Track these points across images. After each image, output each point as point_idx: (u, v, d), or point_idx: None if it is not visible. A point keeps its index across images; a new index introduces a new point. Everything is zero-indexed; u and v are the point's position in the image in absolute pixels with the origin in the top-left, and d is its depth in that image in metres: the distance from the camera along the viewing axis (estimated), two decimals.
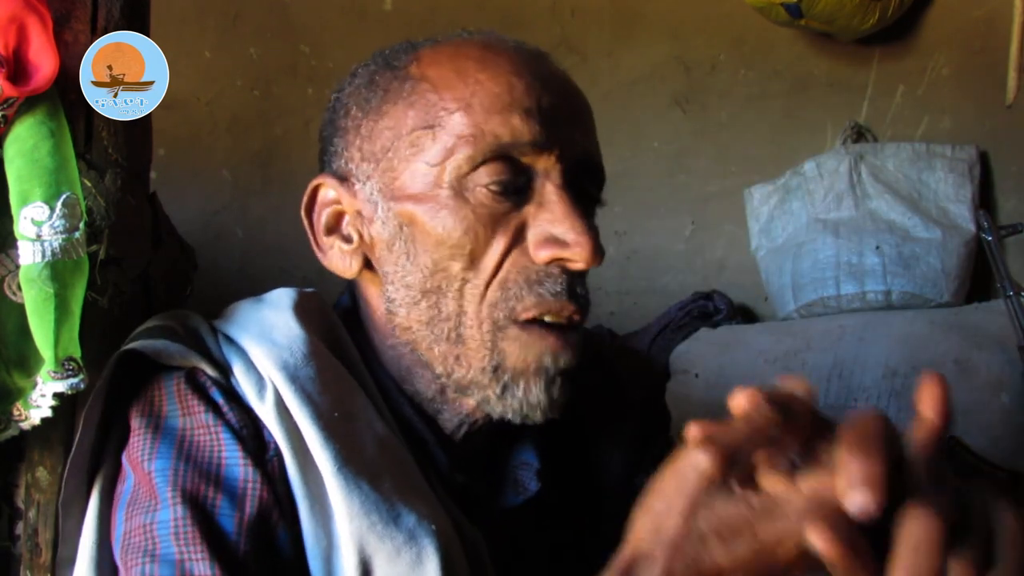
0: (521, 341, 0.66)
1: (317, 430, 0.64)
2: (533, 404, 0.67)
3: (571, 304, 0.66)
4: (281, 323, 0.69)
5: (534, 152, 0.66)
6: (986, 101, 1.93)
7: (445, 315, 0.67)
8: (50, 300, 0.69)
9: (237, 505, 0.62)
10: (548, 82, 0.69)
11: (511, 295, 0.66)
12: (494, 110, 0.66)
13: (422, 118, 0.68)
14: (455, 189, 0.66)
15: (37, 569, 0.77)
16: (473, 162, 0.65)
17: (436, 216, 0.66)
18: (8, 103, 0.70)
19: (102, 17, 0.77)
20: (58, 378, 0.70)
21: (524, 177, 0.67)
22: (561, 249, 0.65)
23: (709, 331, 1.95)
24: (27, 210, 0.70)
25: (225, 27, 2.32)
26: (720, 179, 2.17)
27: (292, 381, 0.65)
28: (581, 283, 0.67)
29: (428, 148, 0.67)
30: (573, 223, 0.65)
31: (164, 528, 0.61)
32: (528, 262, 0.66)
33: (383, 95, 0.70)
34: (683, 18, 2.19)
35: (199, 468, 0.63)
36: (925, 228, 1.78)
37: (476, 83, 0.67)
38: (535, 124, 0.66)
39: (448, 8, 2.25)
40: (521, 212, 0.67)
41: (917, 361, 1.52)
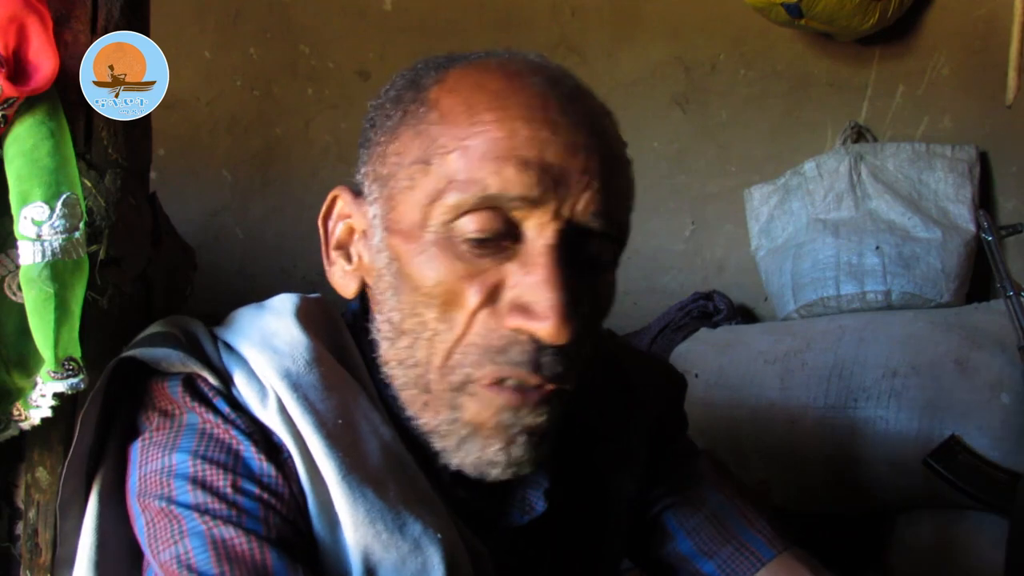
0: (479, 397, 0.62)
1: (320, 438, 0.63)
2: (488, 461, 0.63)
3: (534, 376, 0.61)
4: (283, 330, 0.69)
5: (525, 207, 0.61)
6: (986, 101, 1.93)
7: (414, 361, 0.65)
8: (50, 300, 0.69)
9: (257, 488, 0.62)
10: (564, 131, 0.62)
11: (470, 360, 0.62)
12: (489, 156, 0.61)
13: (423, 152, 0.64)
14: (439, 234, 0.62)
15: (37, 569, 0.77)
16: (459, 210, 0.61)
17: (416, 259, 0.63)
18: (8, 103, 0.70)
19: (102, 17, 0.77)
20: (58, 378, 0.70)
21: (513, 232, 0.62)
22: (528, 320, 0.60)
23: (709, 331, 1.95)
24: (27, 210, 0.70)
25: (225, 27, 2.32)
26: (720, 179, 2.17)
27: (294, 389, 0.65)
28: (555, 353, 0.61)
29: (421, 186, 0.63)
30: (546, 292, 0.59)
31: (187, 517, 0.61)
32: (496, 325, 0.61)
33: (401, 116, 0.67)
34: (683, 18, 2.19)
35: (218, 459, 0.63)
36: (925, 228, 1.78)
37: (480, 124, 0.62)
38: (530, 177, 0.60)
39: (448, 8, 2.25)
40: (502, 268, 0.62)
41: (917, 361, 1.52)
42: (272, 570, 0.59)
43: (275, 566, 0.59)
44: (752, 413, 1.66)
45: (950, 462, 1.41)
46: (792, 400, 1.62)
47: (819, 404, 1.58)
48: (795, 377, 1.64)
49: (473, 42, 2.18)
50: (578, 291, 0.62)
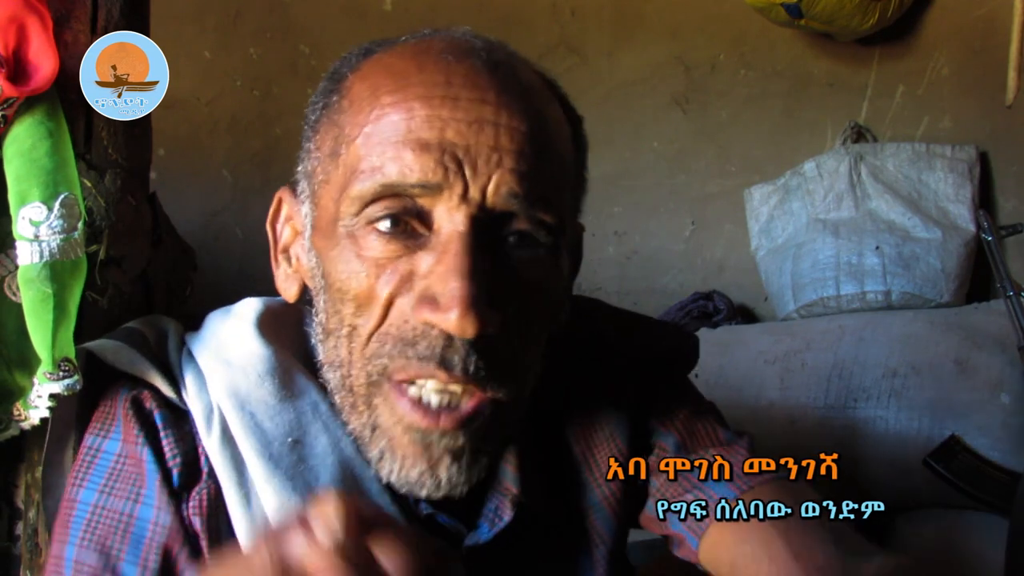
0: (390, 403, 0.59)
1: (263, 461, 0.62)
2: (413, 482, 0.59)
3: (442, 372, 0.56)
4: (240, 339, 0.67)
5: (428, 193, 0.57)
6: (986, 101, 1.93)
7: (339, 361, 0.61)
8: (48, 300, 0.69)
9: (141, 554, 0.62)
10: (467, 108, 0.58)
11: (385, 350, 0.58)
12: (388, 141, 0.57)
13: (334, 143, 0.62)
14: (348, 228, 0.59)
15: (37, 569, 0.77)
16: (363, 200, 0.58)
17: (331, 255, 0.61)
18: (8, 103, 0.70)
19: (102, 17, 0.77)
20: (54, 379, 0.70)
21: (421, 218, 0.58)
22: (433, 312, 0.56)
23: (709, 331, 1.95)
24: (25, 210, 0.70)
25: (225, 27, 2.32)
26: (720, 179, 2.17)
27: (241, 408, 0.63)
28: (469, 351, 0.57)
29: (332, 178, 0.61)
30: (452, 282, 0.55)
31: (68, 567, 0.62)
32: (409, 315, 0.58)
33: (322, 109, 0.65)
34: (683, 18, 2.19)
35: (114, 512, 0.63)
36: (925, 228, 1.78)
37: (379, 107, 0.59)
38: (429, 160, 0.56)
39: (448, 8, 2.25)
40: (414, 258, 0.58)
41: (917, 361, 1.52)
42: None
43: None
44: (752, 413, 1.66)
45: (950, 462, 1.41)
46: (792, 400, 1.61)
47: (819, 404, 1.58)
48: (795, 377, 1.64)
49: None
50: (501, 282, 0.58)
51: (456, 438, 0.59)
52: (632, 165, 2.20)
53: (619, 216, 2.21)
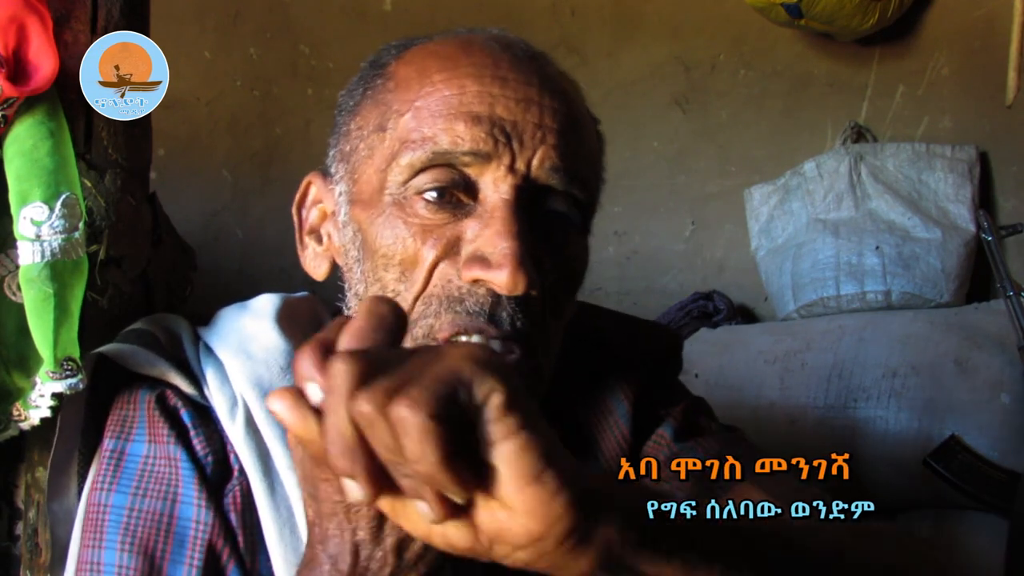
0: None
1: (287, 451, 0.63)
2: None
3: (490, 327, 0.59)
4: (260, 334, 0.68)
5: (478, 162, 0.61)
6: (986, 101, 1.93)
7: None
8: (49, 300, 0.69)
9: (187, 552, 0.62)
10: (515, 86, 0.62)
11: (431, 311, 0.61)
12: (440, 114, 0.61)
13: (380, 119, 0.65)
14: (395, 196, 0.62)
15: (37, 569, 0.77)
16: (412, 169, 0.61)
17: (375, 224, 0.63)
18: (8, 103, 0.70)
19: (102, 17, 0.77)
20: (57, 378, 0.70)
21: (469, 189, 0.62)
22: (483, 270, 0.59)
23: (709, 331, 1.94)
24: (26, 210, 0.70)
25: (225, 27, 2.32)
26: (720, 179, 2.17)
27: (264, 399, 0.64)
28: (515, 306, 0.60)
29: (379, 151, 0.64)
30: (502, 242, 0.58)
31: (109, 572, 0.61)
32: (455, 277, 0.60)
33: (362, 93, 0.68)
34: (683, 18, 2.19)
35: (152, 513, 0.63)
36: (925, 228, 1.78)
37: (430, 84, 0.63)
38: (480, 132, 0.60)
39: (448, 8, 2.25)
40: (460, 225, 0.61)
41: (917, 361, 1.52)
42: None
43: None
44: (752, 413, 1.66)
45: (950, 462, 1.41)
46: (792, 400, 1.61)
47: (819, 404, 1.58)
48: (795, 377, 1.64)
49: None
50: (540, 249, 0.61)
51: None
52: (632, 165, 2.20)
53: (619, 216, 2.21)
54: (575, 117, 0.65)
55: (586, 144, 0.67)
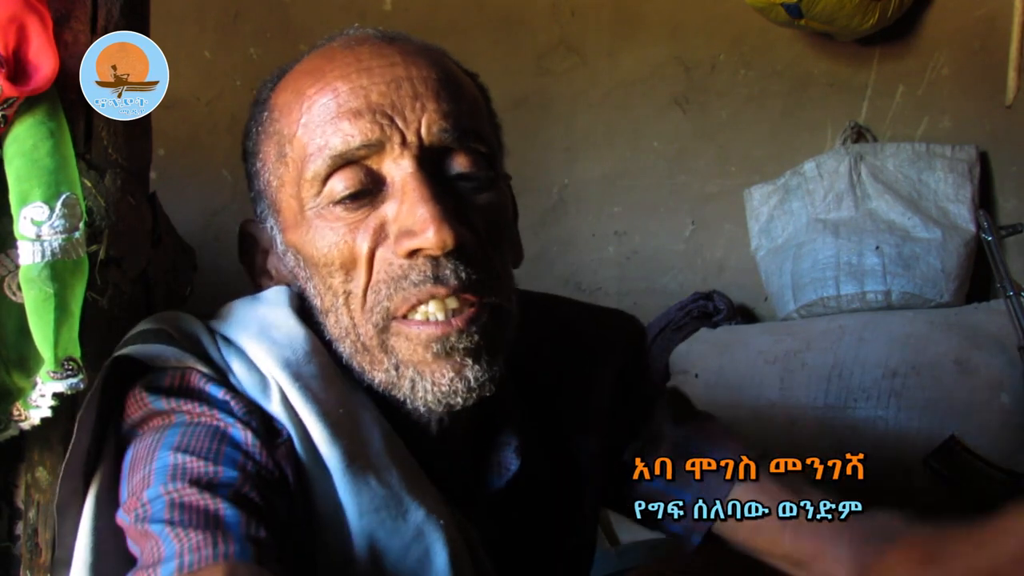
0: (404, 334, 0.65)
1: (324, 427, 0.64)
2: (447, 391, 0.65)
3: (440, 288, 0.63)
4: (280, 321, 0.69)
5: (373, 151, 0.65)
6: (986, 101, 1.93)
7: (345, 329, 0.67)
8: (50, 300, 0.69)
9: (240, 459, 0.61)
10: (380, 72, 0.66)
11: (382, 296, 0.65)
12: (323, 121, 0.65)
13: (277, 149, 0.69)
14: (315, 209, 0.66)
15: (37, 569, 0.77)
16: (319, 179, 0.65)
17: (307, 240, 0.67)
18: (8, 103, 0.70)
19: (102, 17, 0.77)
20: (57, 378, 0.70)
21: (375, 177, 0.65)
22: (412, 239, 0.63)
23: (709, 331, 1.95)
24: (27, 210, 0.70)
25: (225, 27, 2.32)
26: (720, 179, 2.17)
27: (296, 379, 0.65)
28: (455, 261, 0.64)
29: (286, 177, 0.68)
30: (419, 208, 0.62)
31: (161, 472, 0.60)
32: (393, 258, 0.64)
33: (257, 133, 0.72)
34: (683, 18, 2.19)
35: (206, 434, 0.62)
36: (925, 228, 1.78)
37: (307, 99, 0.67)
38: (365, 123, 0.64)
39: (448, 8, 2.25)
40: (380, 211, 0.65)
41: (917, 361, 1.52)
42: (224, 521, 0.57)
43: (228, 517, 0.57)
44: (752, 413, 1.66)
45: (950, 462, 1.41)
46: (792, 400, 1.62)
47: (819, 404, 1.58)
48: (795, 377, 1.64)
49: (473, 42, 2.18)
50: (461, 207, 0.65)
51: (471, 336, 0.65)
52: (632, 165, 2.20)
53: (619, 216, 2.21)
54: (446, 77, 0.68)
55: (467, 97, 0.70)
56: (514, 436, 0.75)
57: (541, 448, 0.78)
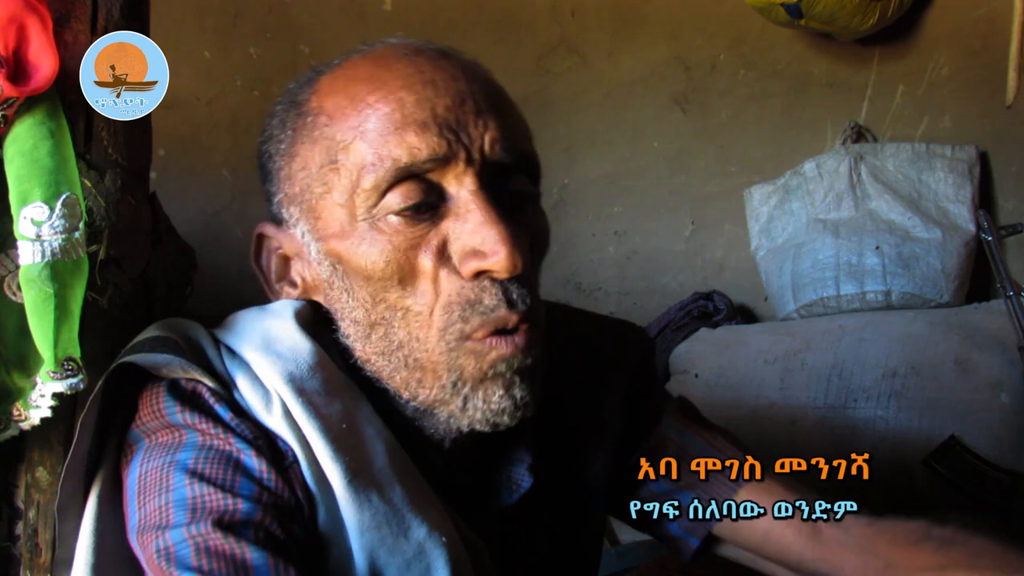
0: (476, 353, 0.64)
1: (326, 443, 0.63)
2: (496, 410, 0.65)
3: (512, 314, 0.64)
4: (285, 334, 0.68)
5: (438, 166, 0.64)
6: (986, 101, 1.93)
7: (397, 343, 0.66)
8: (50, 300, 0.69)
9: (256, 488, 0.61)
10: (444, 86, 0.66)
11: (456, 318, 0.64)
12: (388, 131, 0.64)
13: (326, 154, 0.67)
14: (369, 221, 0.65)
15: (37, 569, 0.77)
16: (379, 190, 0.64)
17: (358, 251, 0.65)
18: (8, 103, 0.70)
19: (102, 17, 0.77)
20: (57, 378, 0.70)
21: (437, 192, 0.65)
22: (481, 260, 0.63)
23: (709, 331, 1.95)
24: (27, 210, 0.70)
25: (225, 27, 2.32)
26: (720, 179, 2.17)
27: (299, 394, 0.64)
28: (518, 285, 0.65)
29: (336, 185, 0.66)
30: (487, 231, 0.62)
31: (181, 506, 0.60)
32: (461, 281, 0.64)
33: (292, 135, 0.70)
34: (683, 18, 2.19)
35: (221, 454, 0.63)
36: (925, 228, 1.78)
37: (367, 107, 0.65)
38: (431, 136, 0.63)
39: (448, 8, 2.25)
40: (440, 228, 0.64)
41: (917, 361, 1.52)
42: (253, 566, 0.57)
43: (255, 561, 0.58)
44: (752, 413, 1.66)
45: (950, 462, 1.41)
46: (792, 400, 1.62)
47: (819, 404, 1.58)
48: (795, 377, 1.64)
49: (473, 42, 2.18)
50: (516, 225, 0.64)
51: (527, 356, 0.65)
52: (632, 165, 2.20)
53: (619, 216, 2.21)
54: (500, 96, 0.69)
55: (518, 117, 0.71)
56: (528, 453, 0.74)
57: (552, 463, 0.77)
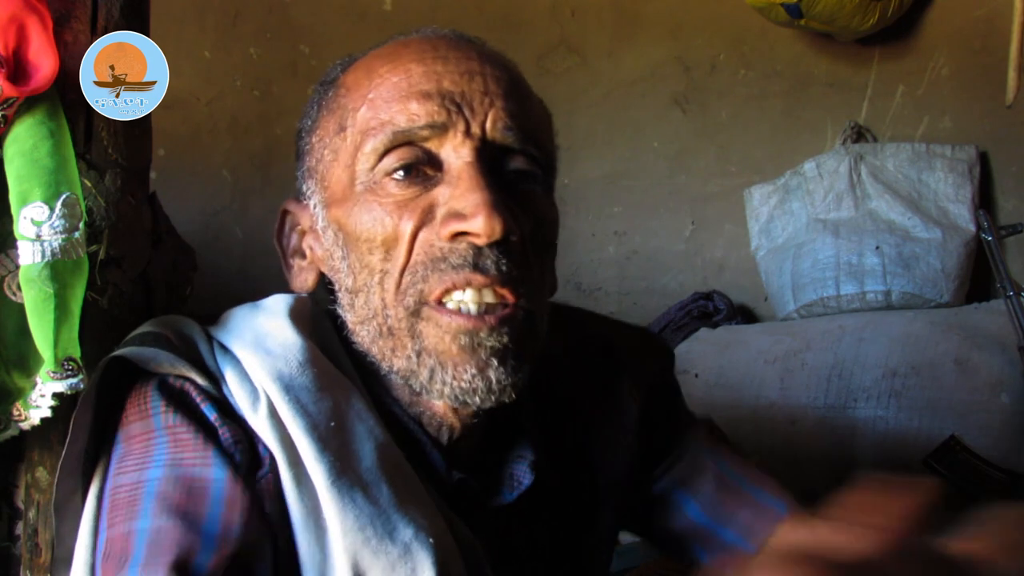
0: (434, 321, 0.64)
1: (311, 442, 0.63)
2: (466, 388, 0.64)
3: (478, 276, 0.62)
4: (277, 330, 0.68)
5: (435, 134, 0.65)
6: (986, 101, 1.93)
7: (373, 310, 0.66)
8: (50, 300, 0.69)
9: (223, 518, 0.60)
10: (456, 62, 0.67)
11: (418, 277, 0.64)
12: (392, 98, 0.66)
13: (338, 122, 0.69)
14: (366, 184, 0.66)
15: (37, 569, 0.77)
16: (377, 153, 0.65)
17: (352, 214, 0.67)
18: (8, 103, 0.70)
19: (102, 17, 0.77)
20: (57, 378, 0.70)
21: (433, 162, 0.66)
22: (459, 221, 0.62)
23: (709, 331, 1.95)
24: (27, 210, 0.70)
25: (225, 27, 2.32)
26: (720, 179, 2.17)
27: (286, 391, 0.64)
28: (499, 253, 0.63)
29: (342, 150, 0.68)
30: (472, 195, 0.62)
31: (141, 538, 0.60)
32: (435, 240, 0.64)
33: (317, 109, 0.72)
34: (683, 18, 2.20)
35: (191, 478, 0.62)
36: (925, 228, 1.78)
37: (378, 77, 0.67)
38: (432, 105, 0.65)
39: (448, 8, 2.25)
40: (431, 194, 0.65)
41: (917, 361, 1.52)
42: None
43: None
44: (752, 413, 1.66)
45: (950, 462, 1.41)
46: (792, 400, 1.62)
47: (819, 404, 1.58)
48: (795, 377, 1.64)
49: None
50: (511, 203, 0.64)
51: (500, 336, 0.64)
52: (632, 165, 2.20)
53: (619, 216, 2.21)
54: (518, 84, 0.70)
55: (534, 109, 0.71)
56: (530, 450, 0.73)
57: (558, 461, 0.77)
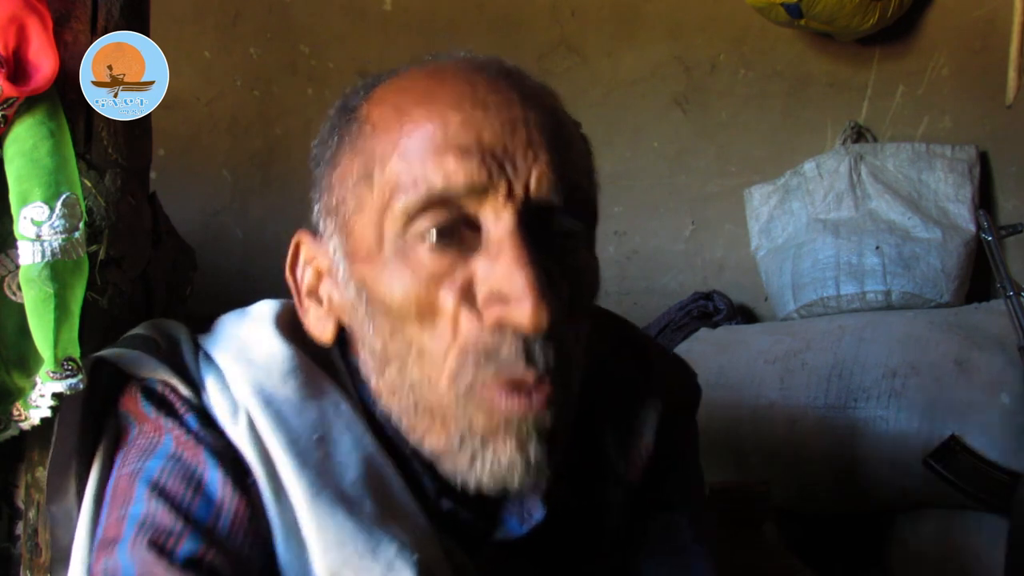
0: (487, 406, 0.59)
1: (291, 457, 0.61)
2: (506, 466, 0.59)
3: (529, 370, 0.57)
4: (260, 339, 0.67)
5: (475, 196, 0.58)
6: (986, 101, 1.93)
7: (409, 384, 0.61)
8: (50, 300, 0.69)
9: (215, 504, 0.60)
10: (496, 109, 0.59)
11: (469, 364, 0.58)
12: (426, 151, 0.58)
13: (363, 167, 0.62)
14: (396, 246, 0.59)
15: (37, 569, 0.77)
16: (408, 215, 0.58)
17: (380, 278, 0.60)
18: (8, 103, 0.70)
19: (102, 17, 0.77)
20: (57, 378, 0.70)
21: (471, 224, 0.59)
22: (504, 308, 0.57)
23: (709, 331, 1.95)
24: (27, 210, 0.70)
25: (225, 27, 2.32)
26: (720, 179, 2.17)
27: (267, 405, 0.63)
28: (544, 341, 0.58)
29: (368, 202, 0.61)
30: (517, 276, 0.56)
31: (131, 522, 0.59)
32: (480, 325, 0.58)
33: (338, 141, 0.65)
34: (683, 18, 2.19)
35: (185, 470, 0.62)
36: (925, 228, 1.78)
37: (411, 122, 0.60)
38: (472, 164, 0.57)
39: (448, 8, 2.25)
40: (469, 264, 0.59)
41: (917, 361, 1.52)
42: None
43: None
44: (752, 413, 1.66)
45: (950, 462, 1.41)
46: (792, 400, 1.61)
47: (819, 404, 1.58)
48: (795, 377, 1.64)
49: (473, 42, 2.18)
50: (553, 273, 0.59)
51: (544, 419, 0.59)
52: (632, 165, 2.20)
53: (619, 216, 2.21)
54: (561, 127, 0.63)
55: (576, 152, 0.64)
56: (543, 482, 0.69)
57: (567, 492, 0.72)
